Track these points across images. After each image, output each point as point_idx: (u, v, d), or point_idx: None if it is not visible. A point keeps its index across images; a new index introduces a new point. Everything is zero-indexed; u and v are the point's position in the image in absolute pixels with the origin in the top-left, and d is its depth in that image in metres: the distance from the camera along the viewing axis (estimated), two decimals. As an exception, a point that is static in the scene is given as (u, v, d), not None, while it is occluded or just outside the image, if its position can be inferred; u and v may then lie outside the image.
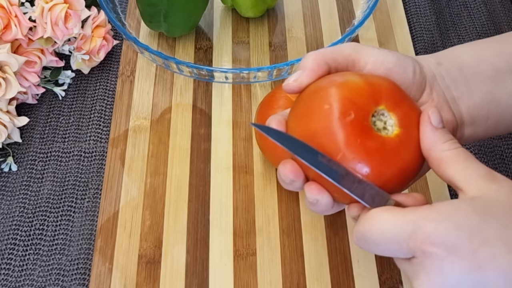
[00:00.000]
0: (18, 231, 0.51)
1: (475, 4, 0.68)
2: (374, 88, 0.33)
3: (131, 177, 0.54)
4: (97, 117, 0.58)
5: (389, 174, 0.32)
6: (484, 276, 0.28)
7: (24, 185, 0.54)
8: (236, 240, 0.50)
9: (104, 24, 0.60)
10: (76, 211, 0.52)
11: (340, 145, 0.31)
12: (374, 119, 0.33)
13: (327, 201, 0.33)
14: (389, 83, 0.34)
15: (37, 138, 0.57)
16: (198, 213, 0.52)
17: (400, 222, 0.30)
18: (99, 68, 0.62)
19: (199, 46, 0.63)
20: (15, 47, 0.55)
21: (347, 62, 0.36)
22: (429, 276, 0.29)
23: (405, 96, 0.34)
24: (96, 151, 0.56)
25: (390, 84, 0.34)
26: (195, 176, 0.54)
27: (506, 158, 0.56)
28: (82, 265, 0.49)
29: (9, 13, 0.52)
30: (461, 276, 0.28)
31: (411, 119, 0.33)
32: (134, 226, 0.51)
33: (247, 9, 0.62)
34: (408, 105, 0.34)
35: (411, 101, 0.35)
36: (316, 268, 0.49)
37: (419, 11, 0.67)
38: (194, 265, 0.49)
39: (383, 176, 0.32)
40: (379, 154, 0.32)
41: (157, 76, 0.61)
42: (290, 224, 0.51)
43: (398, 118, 0.33)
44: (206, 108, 0.58)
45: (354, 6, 0.66)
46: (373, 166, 0.31)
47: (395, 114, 0.33)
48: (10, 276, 0.49)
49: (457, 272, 0.28)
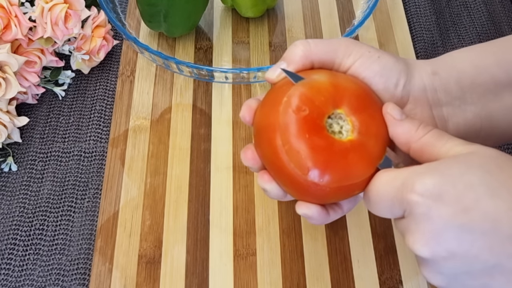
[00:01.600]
0: (18, 231, 0.51)
1: (475, 4, 0.68)
2: (338, 91, 0.33)
3: (131, 177, 0.54)
4: (97, 117, 0.58)
5: (332, 177, 0.32)
6: (470, 220, 0.28)
7: (24, 185, 0.54)
8: (236, 240, 0.50)
9: (104, 24, 0.60)
10: (76, 211, 0.52)
11: (288, 137, 0.32)
12: (331, 121, 0.33)
13: (276, 191, 0.35)
14: (360, 89, 0.34)
15: (37, 138, 0.57)
16: (198, 213, 0.52)
17: (392, 179, 0.31)
18: (99, 68, 0.62)
19: (199, 46, 0.63)
20: (15, 47, 0.55)
21: (334, 59, 0.36)
22: (417, 225, 0.29)
23: (373, 104, 0.34)
24: (96, 151, 0.56)
25: (361, 89, 0.34)
26: (195, 176, 0.54)
27: (506, 158, 0.56)
28: (82, 265, 0.49)
29: (9, 13, 0.52)
30: (448, 221, 0.28)
31: (371, 128, 0.33)
32: (134, 226, 0.51)
33: (247, 9, 0.62)
34: (373, 113, 0.34)
35: (378, 109, 0.34)
36: (316, 268, 0.49)
37: (419, 11, 0.67)
38: (194, 265, 0.49)
39: (325, 176, 0.32)
40: (324, 154, 0.32)
41: (157, 76, 0.61)
42: (290, 224, 0.51)
43: (356, 124, 0.33)
44: (206, 108, 0.58)
45: (354, 6, 0.66)
46: (316, 164, 0.31)
47: (355, 120, 0.33)
48: (10, 276, 0.49)
49: (444, 218, 0.28)
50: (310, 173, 0.31)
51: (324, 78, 0.34)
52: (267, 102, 0.34)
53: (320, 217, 0.35)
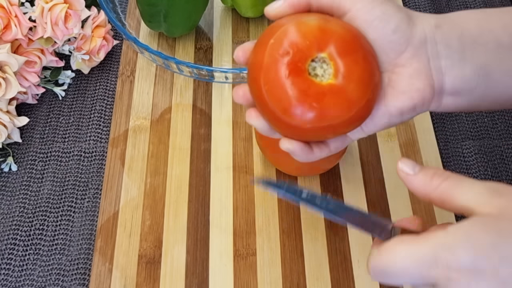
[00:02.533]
0: (18, 231, 0.51)
1: (475, 4, 0.68)
2: (325, 35, 0.34)
3: (131, 177, 0.54)
4: (97, 117, 0.58)
5: (307, 117, 0.33)
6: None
7: (24, 185, 0.54)
8: (236, 240, 0.50)
9: (104, 24, 0.60)
10: (76, 211, 0.52)
11: (269, 78, 0.33)
12: (315, 64, 0.34)
13: (262, 127, 0.36)
14: (349, 33, 0.34)
15: (37, 138, 0.57)
16: (198, 213, 0.52)
17: (419, 253, 0.30)
18: (99, 68, 0.62)
19: (199, 46, 0.63)
20: (15, 47, 0.55)
21: (332, 3, 0.36)
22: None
23: (360, 49, 0.34)
24: (96, 151, 0.56)
25: (350, 34, 0.34)
26: (195, 176, 0.54)
27: (506, 158, 0.56)
28: (82, 265, 0.49)
29: (9, 13, 0.52)
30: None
31: (353, 73, 0.34)
32: (134, 226, 0.51)
33: (247, 9, 0.62)
34: (358, 58, 0.34)
35: (366, 54, 0.34)
36: (316, 268, 0.49)
37: (419, 10, 0.67)
38: (194, 265, 0.49)
39: (301, 117, 0.33)
40: (301, 95, 0.33)
41: (157, 76, 0.61)
42: (290, 224, 0.51)
43: (340, 68, 0.33)
44: (206, 108, 0.58)
45: (354, 6, 0.66)
46: (291, 105, 0.33)
47: (339, 63, 0.33)
48: (10, 276, 0.49)
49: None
50: (286, 113, 0.33)
51: (314, 22, 0.34)
52: (259, 41, 0.36)
53: (303, 153, 0.36)
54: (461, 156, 0.56)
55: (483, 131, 0.58)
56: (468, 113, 0.59)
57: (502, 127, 0.58)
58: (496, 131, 0.58)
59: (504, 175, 0.55)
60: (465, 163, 0.55)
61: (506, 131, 0.58)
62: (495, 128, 0.58)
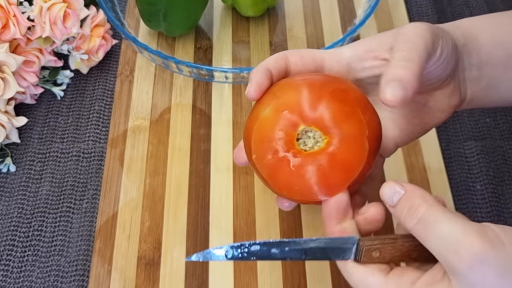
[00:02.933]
0: (17, 232, 0.51)
1: (477, 3, 0.67)
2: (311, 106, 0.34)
3: (130, 178, 0.53)
4: (96, 117, 0.58)
5: (289, 195, 0.36)
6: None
7: (23, 186, 0.53)
8: (236, 241, 0.50)
9: (103, 23, 0.59)
10: (75, 212, 0.52)
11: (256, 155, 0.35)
12: (304, 137, 0.34)
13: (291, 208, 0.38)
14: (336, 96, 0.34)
15: (35, 138, 0.56)
16: (197, 214, 0.51)
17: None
18: (98, 68, 0.61)
19: (198, 45, 0.63)
20: (14, 46, 0.55)
21: (316, 63, 0.38)
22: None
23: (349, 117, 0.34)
24: (95, 152, 0.55)
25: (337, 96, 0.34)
26: (195, 176, 0.53)
27: (509, 158, 0.56)
28: (81, 267, 0.49)
29: (8, 13, 0.52)
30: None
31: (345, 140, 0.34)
32: (133, 227, 0.50)
33: (247, 8, 0.61)
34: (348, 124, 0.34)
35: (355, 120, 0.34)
36: (316, 269, 0.48)
37: (421, 10, 0.67)
38: (194, 266, 0.49)
39: (283, 193, 0.36)
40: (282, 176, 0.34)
41: (156, 76, 0.60)
42: (291, 226, 0.51)
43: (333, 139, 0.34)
44: (206, 108, 0.58)
45: (355, 5, 0.66)
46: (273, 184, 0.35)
47: (325, 137, 0.34)
48: (8, 278, 0.48)
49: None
50: (271, 188, 0.36)
51: (296, 94, 0.34)
52: (250, 115, 0.37)
53: None
54: (463, 156, 0.56)
55: (485, 132, 0.57)
56: (470, 114, 0.59)
57: (504, 128, 0.58)
58: (498, 131, 0.57)
59: (506, 176, 0.54)
60: (467, 163, 0.55)
61: (509, 132, 0.57)
62: (497, 129, 0.58)
